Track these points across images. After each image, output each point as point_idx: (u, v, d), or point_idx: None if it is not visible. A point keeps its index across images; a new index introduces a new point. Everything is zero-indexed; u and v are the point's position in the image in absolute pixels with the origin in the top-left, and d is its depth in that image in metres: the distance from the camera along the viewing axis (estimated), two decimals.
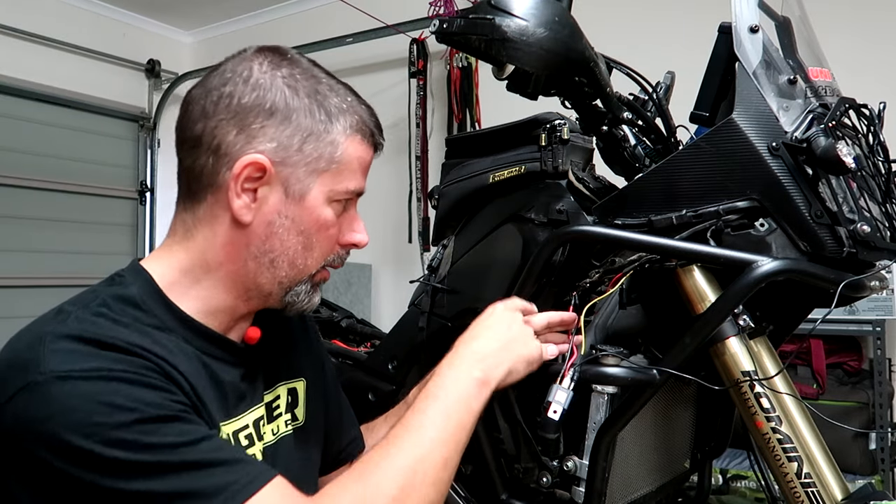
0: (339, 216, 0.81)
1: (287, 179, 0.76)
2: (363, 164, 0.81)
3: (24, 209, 3.54)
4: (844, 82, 1.02)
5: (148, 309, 0.74)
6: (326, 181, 0.78)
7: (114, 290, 0.74)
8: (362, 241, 0.85)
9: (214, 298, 0.79)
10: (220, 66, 0.78)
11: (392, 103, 3.37)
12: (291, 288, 0.80)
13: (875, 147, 0.94)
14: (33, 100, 3.59)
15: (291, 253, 0.78)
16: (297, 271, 0.79)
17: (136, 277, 0.77)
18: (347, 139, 0.78)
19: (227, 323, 0.81)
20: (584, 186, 1.09)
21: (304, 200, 0.77)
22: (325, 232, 0.79)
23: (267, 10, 3.88)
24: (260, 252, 0.77)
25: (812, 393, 2.08)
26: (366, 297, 3.32)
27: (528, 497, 1.10)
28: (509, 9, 0.90)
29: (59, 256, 3.67)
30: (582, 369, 0.98)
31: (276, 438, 0.85)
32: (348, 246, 0.84)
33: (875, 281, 0.90)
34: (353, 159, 0.79)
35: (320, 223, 0.79)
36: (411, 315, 1.33)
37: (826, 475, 0.89)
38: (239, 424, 0.79)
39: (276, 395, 0.89)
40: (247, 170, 0.74)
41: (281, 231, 0.77)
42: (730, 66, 0.97)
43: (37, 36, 3.55)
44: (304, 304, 0.82)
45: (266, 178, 0.75)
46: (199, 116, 0.75)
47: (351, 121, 0.79)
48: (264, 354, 0.87)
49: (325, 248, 0.81)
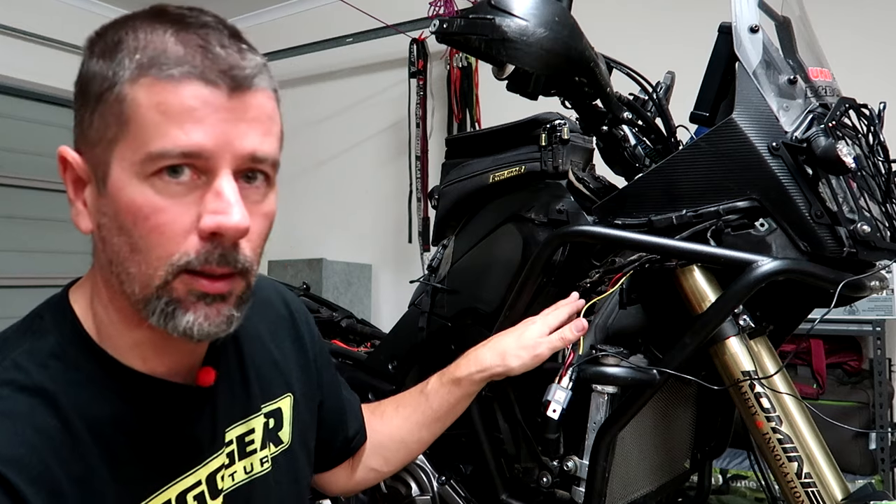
0: (178, 196, 0.57)
1: (95, 168, 0.60)
2: (169, 109, 0.56)
3: (24, 209, 3.54)
4: (844, 82, 1.02)
5: (69, 361, 0.62)
6: (124, 153, 0.57)
7: (29, 342, 0.62)
8: (223, 225, 0.57)
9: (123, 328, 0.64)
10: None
11: (392, 103, 3.38)
12: (146, 307, 0.60)
13: (875, 147, 0.94)
14: (33, 100, 3.59)
15: (122, 260, 0.59)
16: (140, 282, 0.59)
17: (58, 320, 0.65)
18: (134, 85, 0.56)
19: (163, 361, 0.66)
20: (584, 186, 1.09)
21: (107, 186, 0.58)
22: (146, 223, 0.57)
23: (267, 10, 3.88)
24: (108, 265, 0.61)
25: (812, 393, 2.08)
26: (366, 297, 3.32)
27: (528, 497, 1.10)
28: (509, 9, 0.89)
29: (59, 256, 3.67)
30: (582, 369, 0.98)
31: (248, 478, 0.75)
32: (207, 234, 0.58)
33: (875, 281, 0.90)
34: (148, 108, 0.56)
35: (133, 210, 0.57)
36: (411, 315, 1.33)
37: (826, 475, 0.89)
38: (188, 482, 0.68)
39: (250, 427, 0.77)
40: (62, 167, 0.62)
41: (107, 235, 0.60)
42: (730, 66, 0.97)
43: (36, 36, 3.55)
44: (169, 327, 0.59)
45: (76, 172, 0.61)
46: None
47: (140, 58, 0.56)
48: (232, 385, 0.75)
49: (160, 245, 0.57)
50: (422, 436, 1.00)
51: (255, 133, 0.59)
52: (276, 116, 0.63)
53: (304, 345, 0.90)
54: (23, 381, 0.59)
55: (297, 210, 3.64)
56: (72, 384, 0.61)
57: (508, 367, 0.97)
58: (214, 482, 0.71)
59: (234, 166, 0.59)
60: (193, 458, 0.69)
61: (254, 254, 0.63)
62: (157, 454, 0.65)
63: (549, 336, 0.98)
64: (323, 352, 0.94)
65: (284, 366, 0.85)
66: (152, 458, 0.65)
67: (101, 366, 0.63)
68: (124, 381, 0.64)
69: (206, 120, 0.56)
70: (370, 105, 3.51)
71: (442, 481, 1.23)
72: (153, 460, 0.65)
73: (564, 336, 0.98)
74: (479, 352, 0.99)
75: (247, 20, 3.90)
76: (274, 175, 0.64)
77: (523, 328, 1.00)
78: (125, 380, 0.64)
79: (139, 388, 0.65)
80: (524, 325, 1.01)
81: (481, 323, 1.14)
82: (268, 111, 0.61)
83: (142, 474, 0.64)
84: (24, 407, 0.58)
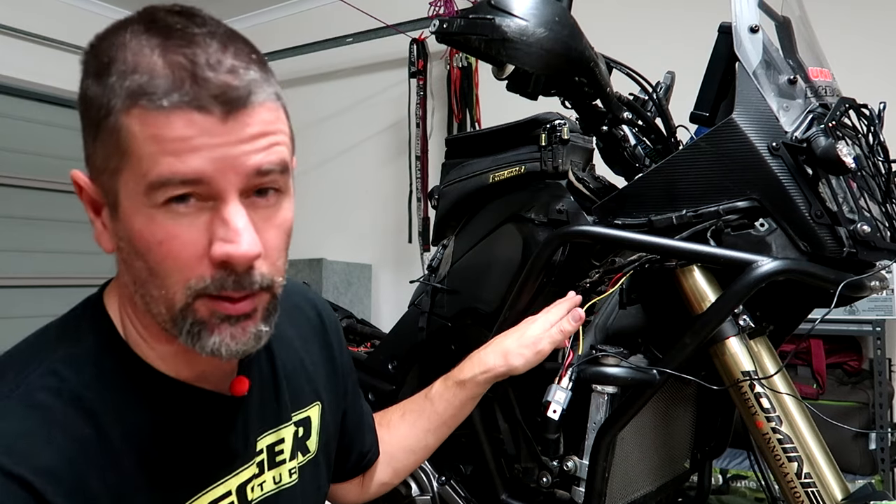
0: (188, 219, 0.56)
1: (106, 193, 0.59)
2: (163, 140, 0.54)
3: (24, 209, 3.54)
4: (844, 82, 1.02)
5: (105, 368, 0.62)
6: (128, 182, 0.56)
7: (66, 348, 0.62)
8: (231, 254, 0.56)
9: (154, 343, 0.65)
10: None
11: (392, 103, 3.38)
12: (174, 326, 0.60)
13: (875, 147, 0.94)
14: (33, 100, 3.59)
15: (143, 282, 0.59)
16: (164, 304, 0.59)
17: (95, 326, 0.65)
18: (128, 117, 0.55)
19: (195, 369, 0.66)
20: (584, 186, 1.09)
21: (119, 213, 0.58)
22: (159, 249, 0.57)
23: (267, 10, 3.88)
24: (130, 283, 0.62)
25: (812, 393, 2.08)
26: (366, 297, 3.32)
27: (528, 497, 1.10)
28: (509, 9, 0.89)
29: (59, 256, 3.67)
30: (582, 369, 0.98)
31: (276, 489, 0.76)
32: (217, 263, 0.57)
33: (875, 281, 0.90)
34: (144, 140, 0.54)
35: (145, 238, 0.57)
36: (411, 315, 1.33)
37: (826, 475, 0.89)
38: (219, 492, 0.68)
39: (280, 437, 0.77)
40: (77, 189, 0.62)
41: (127, 258, 0.60)
42: (730, 66, 0.97)
43: (36, 36, 3.55)
44: (197, 347, 0.60)
45: (90, 194, 0.61)
46: None
47: (130, 87, 0.54)
48: (264, 394, 0.75)
49: (177, 270, 0.57)
50: (428, 441, 1.00)
51: (257, 149, 0.57)
52: (279, 123, 0.60)
53: (333, 352, 0.90)
54: (59, 388, 0.59)
55: (297, 210, 3.60)
56: (107, 391, 0.61)
57: (512, 367, 0.97)
58: (244, 493, 0.71)
59: (241, 187, 0.57)
60: (225, 468, 0.69)
61: (273, 268, 0.61)
62: (190, 462, 0.65)
63: (549, 330, 0.99)
64: (348, 360, 0.94)
65: (314, 372, 0.85)
66: (185, 466, 0.65)
67: (136, 373, 0.63)
68: (159, 388, 0.64)
69: (203, 147, 0.55)
70: (370, 105, 3.51)
71: (442, 481, 1.23)
72: (186, 469, 0.65)
73: (563, 328, 0.99)
74: (482, 353, 1.00)
75: (247, 20, 3.90)
76: (286, 181, 0.62)
77: (524, 327, 1.01)
78: (160, 387, 0.64)
79: (174, 395, 0.65)
80: (525, 325, 1.01)
81: (481, 323, 1.14)
82: (269, 123, 0.59)
83: (175, 482, 0.64)
84: (59, 415, 0.58)
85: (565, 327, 0.99)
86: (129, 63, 0.55)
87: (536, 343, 0.98)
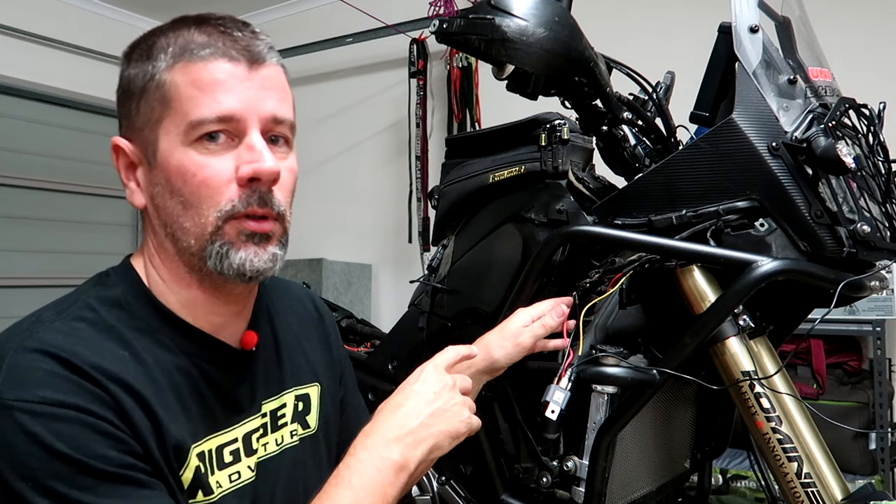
0: (217, 154, 0.69)
1: (144, 148, 0.71)
2: (203, 84, 0.68)
3: (24, 209, 3.54)
4: (844, 82, 1.02)
5: (133, 311, 0.71)
6: (168, 127, 0.69)
7: (98, 291, 0.72)
8: (259, 170, 0.69)
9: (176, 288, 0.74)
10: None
11: (392, 103, 3.38)
12: (201, 254, 0.70)
13: (875, 147, 0.94)
14: (33, 100, 3.59)
15: (176, 218, 0.70)
16: (194, 234, 0.70)
17: (122, 276, 0.74)
18: (171, 71, 0.69)
19: (211, 320, 0.75)
20: (584, 186, 1.09)
21: (157, 158, 0.70)
22: (194, 180, 0.68)
23: (267, 10, 3.88)
24: (162, 228, 0.72)
25: (812, 393, 2.08)
26: (366, 297, 3.32)
27: (528, 497, 1.10)
28: (509, 9, 0.90)
29: (59, 256, 3.67)
30: (581, 369, 0.98)
31: (279, 450, 0.81)
32: (245, 181, 0.69)
33: (875, 281, 0.90)
34: (185, 85, 0.68)
35: (182, 172, 0.68)
36: (411, 315, 1.33)
37: (826, 475, 0.89)
38: (226, 438, 0.75)
39: (282, 402, 0.83)
40: (115, 156, 0.74)
41: (161, 201, 0.71)
42: (730, 66, 0.97)
43: (36, 35, 3.55)
44: (224, 266, 0.69)
45: (129, 156, 0.72)
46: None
47: (173, 50, 0.69)
48: (268, 360, 0.82)
49: (209, 196, 0.68)
50: None
51: (274, 99, 0.71)
52: (287, 87, 0.74)
53: (331, 345, 0.95)
54: (94, 319, 0.68)
55: (297, 210, 3.56)
56: (136, 330, 0.70)
57: (493, 359, 0.99)
58: (249, 442, 0.77)
59: (260, 127, 0.70)
60: (234, 416, 0.76)
61: (286, 201, 0.74)
62: (204, 404, 0.72)
63: (530, 325, 1.01)
64: (345, 356, 0.99)
65: (313, 358, 0.90)
66: (201, 406, 0.72)
67: (160, 318, 0.72)
68: (180, 332, 0.73)
69: (234, 89, 0.69)
70: (370, 105, 3.51)
71: (442, 481, 1.23)
72: (202, 409, 0.72)
73: (546, 323, 1.01)
74: None
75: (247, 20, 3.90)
76: (293, 137, 0.75)
77: (506, 321, 1.03)
78: (181, 331, 0.73)
79: (192, 340, 0.73)
80: (507, 319, 1.03)
81: (481, 323, 1.14)
82: (281, 81, 0.73)
83: (196, 417, 0.71)
84: (99, 337, 0.67)
85: (548, 322, 1.01)
86: (171, 38, 0.70)
87: (517, 335, 1.00)
